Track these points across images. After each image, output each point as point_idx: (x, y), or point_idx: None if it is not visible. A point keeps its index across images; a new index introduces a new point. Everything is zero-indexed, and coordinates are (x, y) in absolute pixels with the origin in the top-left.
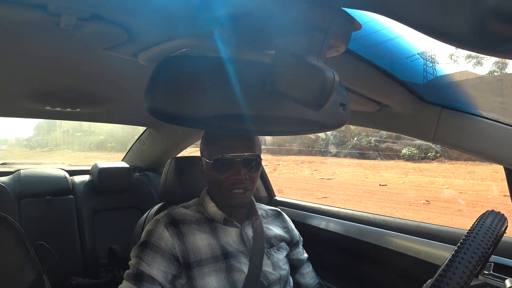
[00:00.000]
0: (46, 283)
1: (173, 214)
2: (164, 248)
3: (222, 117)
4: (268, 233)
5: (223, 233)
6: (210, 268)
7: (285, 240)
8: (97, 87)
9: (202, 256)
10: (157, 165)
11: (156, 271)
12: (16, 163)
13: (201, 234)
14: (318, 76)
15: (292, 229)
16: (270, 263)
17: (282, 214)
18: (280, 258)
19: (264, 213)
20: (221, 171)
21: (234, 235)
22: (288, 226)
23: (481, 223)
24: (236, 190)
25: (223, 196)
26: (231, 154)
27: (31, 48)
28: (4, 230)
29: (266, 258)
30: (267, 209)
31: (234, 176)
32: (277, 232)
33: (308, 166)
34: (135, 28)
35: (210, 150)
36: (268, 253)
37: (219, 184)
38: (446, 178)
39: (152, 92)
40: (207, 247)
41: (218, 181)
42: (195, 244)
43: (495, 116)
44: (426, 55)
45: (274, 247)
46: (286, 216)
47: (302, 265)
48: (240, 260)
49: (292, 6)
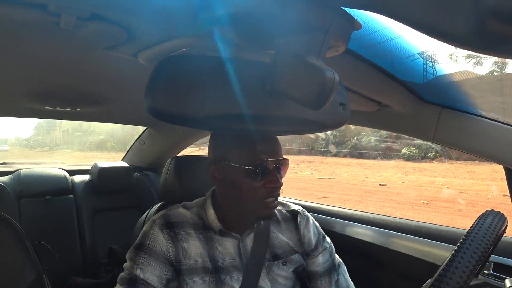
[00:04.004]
0: (46, 283)
1: (170, 215)
2: (158, 252)
3: (222, 117)
4: (275, 242)
5: (218, 244)
6: (199, 279)
7: (297, 251)
8: (97, 87)
9: (193, 265)
10: (157, 165)
11: (151, 276)
12: (16, 162)
13: (195, 241)
14: (318, 76)
15: (305, 235)
16: (267, 279)
17: (298, 215)
18: (282, 274)
19: (279, 217)
20: (258, 178)
21: (230, 247)
22: (301, 232)
23: (481, 223)
24: (269, 199)
25: (253, 206)
26: (272, 159)
27: (31, 48)
28: (4, 230)
29: (265, 272)
30: (284, 210)
31: (272, 184)
32: (286, 242)
33: (308, 165)
34: (135, 28)
35: (239, 154)
36: (268, 268)
37: (253, 193)
38: (446, 178)
39: (152, 92)
40: (199, 257)
41: (252, 189)
42: (187, 251)
43: (495, 116)
44: (426, 55)
45: (280, 259)
46: (305, 217)
47: (316, 278)
48: (232, 276)
49: (292, 6)
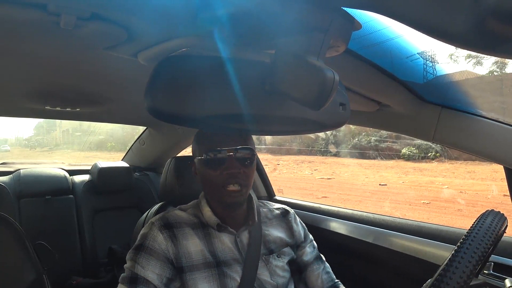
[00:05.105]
0: (46, 283)
1: (167, 217)
2: (158, 251)
3: (222, 117)
4: (268, 238)
5: (217, 240)
6: (202, 274)
7: (288, 244)
8: (97, 87)
9: (194, 262)
10: (157, 165)
11: (151, 274)
12: (16, 162)
13: (194, 239)
14: (318, 76)
15: (295, 229)
16: (267, 271)
17: (288, 213)
18: (279, 265)
19: (269, 214)
20: (214, 167)
21: (228, 242)
22: (292, 227)
23: (481, 223)
24: (231, 187)
25: (218, 195)
26: (224, 148)
27: (31, 47)
28: (4, 230)
29: (263, 265)
30: (273, 208)
31: (228, 171)
32: (279, 236)
33: (308, 165)
34: (135, 28)
35: (202, 148)
36: (266, 260)
37: (213, 182)
38: (446, 178)
39: (152, 92)
40: (199, 253)
41: (211, 178)
42: (187, 249)
43: (495, 116)
44: (426, 54)
45: (274, 253)
46: (293, 214)
47: (307, 267)
48: (233, 268)
49: (292, 6)
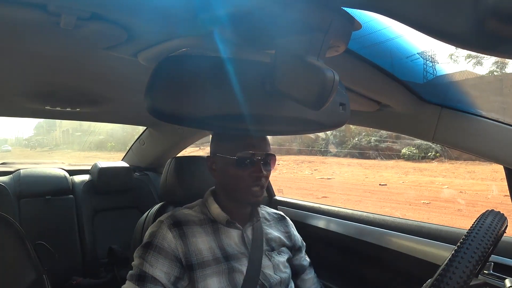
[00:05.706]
0: (46, 283)
1: (176, 215)
2: (167, 250)
3: (222, 117)
4: (269, 236)
5: (225, 235)
6: (211, 270)
7: (286, 245)
8: (97, 87)
9: (204, 258)
10: (157, 165)
11: (159, 272)
12: (16, 162)
13: (203, 236)
14: (318, 76)
15: (294, 234)
16: (271, 266)
17: (285, 219)
18: (281, 261)
19: (266, 216)
20: (244, 168)
21: (235, 237)
22: (290, 231)
23: (481, 223)
24: (255, 188)
25: (242, 194)
26: (255, 152)
27: (31, 47)
28: (4, 230)
29: (267, 260)
30: (270, 212)
31: (257, 173)
32: (278, 236)
33: (308, 165)
34: (135, 28)
35: (231, 147)
36: (269, 256)
37: (240, 181)
38: (446, 178)
39: (152, 92)
40: (209, 250)
41: (239, 177)
42: (197, 246)
43: (495, 116)
44: (426, 54)
45: (275, 250)
46: (290, 221)
47: (304, 270)
48: (241, 262)
49: (292, 6)
